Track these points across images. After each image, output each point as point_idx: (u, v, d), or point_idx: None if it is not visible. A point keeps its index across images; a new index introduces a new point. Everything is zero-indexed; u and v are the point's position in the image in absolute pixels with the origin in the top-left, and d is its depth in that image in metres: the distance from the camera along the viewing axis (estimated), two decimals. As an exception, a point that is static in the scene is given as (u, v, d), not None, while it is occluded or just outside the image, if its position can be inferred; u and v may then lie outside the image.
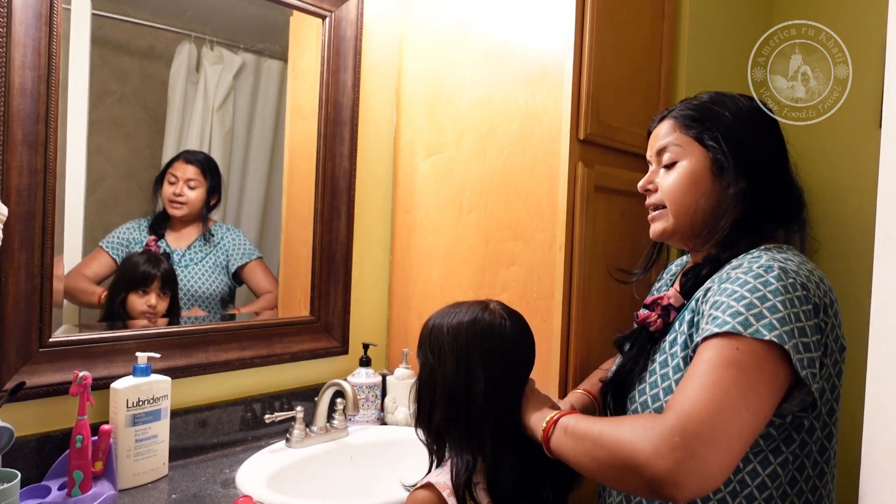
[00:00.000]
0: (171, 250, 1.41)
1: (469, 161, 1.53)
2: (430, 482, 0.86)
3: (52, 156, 1.12)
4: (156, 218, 1.40)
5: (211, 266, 1.47)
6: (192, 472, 1.23)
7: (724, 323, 0.74)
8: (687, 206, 0.93)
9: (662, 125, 0.99)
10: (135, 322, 1.33)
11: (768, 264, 0.79)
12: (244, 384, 1.42)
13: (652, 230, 0.99)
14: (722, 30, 1.77)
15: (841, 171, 1.90)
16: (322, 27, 1.55)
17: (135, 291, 1.34)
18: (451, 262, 1.56)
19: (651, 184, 0.99)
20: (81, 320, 1.28)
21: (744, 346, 0.72)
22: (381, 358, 1.70)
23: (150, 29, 1.38)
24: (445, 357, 0.90)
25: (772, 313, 0.73)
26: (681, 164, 0.94)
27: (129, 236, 1.35)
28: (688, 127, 0.95)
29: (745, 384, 0.70)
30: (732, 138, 0.91)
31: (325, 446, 1.35)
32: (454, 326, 0.90)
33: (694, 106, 0.96)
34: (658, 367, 0.87)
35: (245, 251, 1.52)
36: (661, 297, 0.92)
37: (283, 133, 1.59)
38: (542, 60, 1.38)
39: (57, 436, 1.13)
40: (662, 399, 0.83)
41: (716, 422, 0.67)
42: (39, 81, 1.10)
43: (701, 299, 0.84)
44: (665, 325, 0.90)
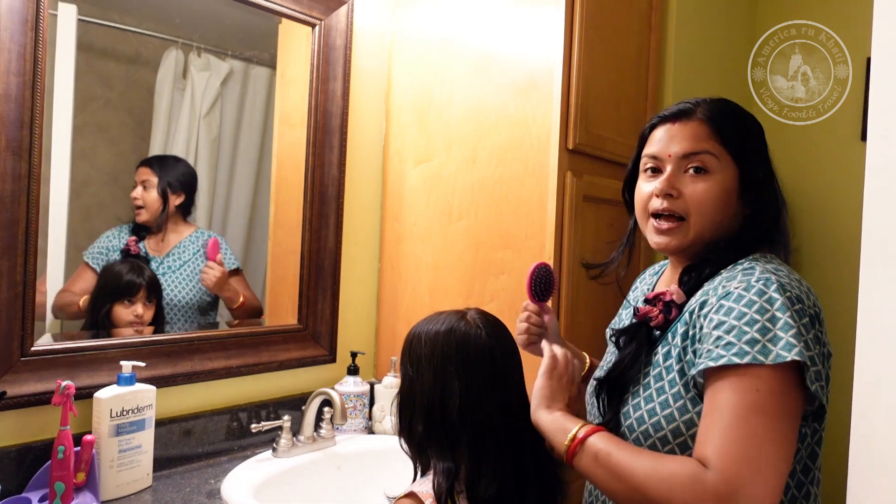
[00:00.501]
0: (150, 258, 1.39)
1: (458, 170, 1.53)
2: (412, 491, 0.85)
3: (36, 162, 1.11)
4: (136, 225, 1.38)
5: (190, 274, 1.44)
6: (176, 482, 1.21)
7: (742, 353, 0.72)
8: (714, 224, 0.86)
9: (690, 126, 0.88)
10: (121, 332, 1.31)
11: (766, 277, 0.77)
12: (230, 393, 1.40)
13: (660, 242, 0.89)
14: (707, 41, 1.79)
15: (824, 183, 1.92)
16: (312, 36, 1.55)
17: (120, 302, 1.32)
18: (441, 270, 1.56)
19: (675, 189, 0.87)
20: (63, 330, 1.26)
21: (763, 384, 0.71)
22: (369, 366, 1.69)
23: (137, 35, 1.37)
24: (423, 369, 0.90)
25: (786, 332, 0.72)
26: (713, 178, 0.86)
27: (108, 244, 1.32)
28: (726, 137, 0.87)
29: (777, 434, 0.71)
30: (758, 160, 0.88)
31: (312, 456, 1.34)
32: (431, 338, 0.91)
33: (727, 114, 0.89)
34: (653, 380, 0.84)
35: (227, 259, 1.50)
36: (664, 292, 0.87)
37: (271, 141, 1.59)
38: (531, 71, 1.39)
39: (38, 446, 1.11)
40: (660, 414, 0.81)
41: (757, 483, 0.68)
42: (24, 87, 1.09)
43: (696, 312, 0.81)
44: (665, 320, 0.86)
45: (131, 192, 1.37)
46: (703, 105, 0.89)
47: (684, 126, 0.88)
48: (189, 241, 1.45)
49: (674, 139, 0.88)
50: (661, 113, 0.93)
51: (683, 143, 0.87)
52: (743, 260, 0.84)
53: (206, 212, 1.53)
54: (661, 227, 0.88)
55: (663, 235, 0.88)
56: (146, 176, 1.38)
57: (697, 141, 0.87)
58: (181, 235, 1.44)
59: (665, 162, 0.89)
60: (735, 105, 0.92)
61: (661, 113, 0.93)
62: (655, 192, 0.88)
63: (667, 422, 0.80)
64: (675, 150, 0.88)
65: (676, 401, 0.80)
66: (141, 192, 1.37)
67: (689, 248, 0.88)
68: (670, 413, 0.80)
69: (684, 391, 0.80)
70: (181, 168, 1.45)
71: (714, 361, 0.74)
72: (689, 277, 0.88)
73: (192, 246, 1.45)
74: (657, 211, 0.88)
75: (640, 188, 0.93)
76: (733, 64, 1.92)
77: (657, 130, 0.92)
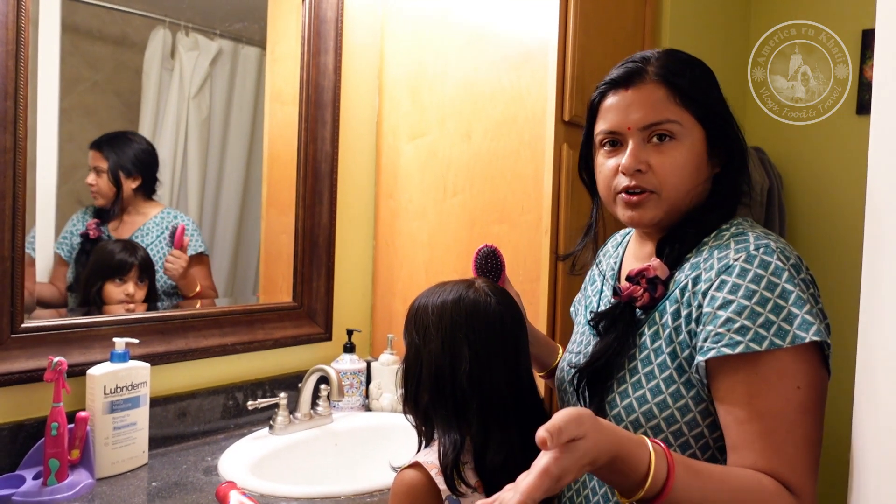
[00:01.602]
0: (109, 239, 1.34)
1: (453, 144, 1.51)
2: (417, 461, 0.84)
3: (21, 135, 1.08)
4: (97, 208, 1.31)
5: (153, 257, 1.38)
6: (172, 460, 1.20)
7: (760, 338, 0.68)
8: (686, 194, 0.80)
9: (644, 90, 0.80)
10: (111, 309, 1.29)
11: (764, 244, 0.73)
12: (226, 371, 1.39)
13: (633, 216, 0.81)
14: (703, 12, 1.77)
15: (819, 159, 1.92)
16: (302, 8, 1.52)
17: (111, 280, 1.31)
18: (436, 246, 1.54)
19: (643, 163, 0.79)
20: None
21: (802, 379, 0.69)
22: (365, 344, 1.68)
23: (123, 14, 1.34)
24: (430, 337, 0.88)
25: (801, 308, 0.69)
26: (681, 145, 0.79)
27: (71, 229, 1.27)
28: (686, 98, 0.79)
29: (821, 430, 0.71)
30: (720, 113, 0.82)
31: (309, 433, 1.33)
32: (438, 306, 0.89)
33: (681, 69, 0.81)
34: (640, 364, 0.78)
35: (192, 243, 1.43)
36: (646, 268, 0.80)
37: (262, 120, 1.56)
38: (525, 44, 1.37)
39: (31, 424, 1.09)
40: (651, 401, 0.76)
41: (810, 481, 0.69)
42: (7, 57, 1.06)
43: (690, 288, 0.75)
44: (652, 299, 0.79)
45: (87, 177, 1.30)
46: (652, 62, 0.81)
47: (638, 91, 0.80)
48: (154, 222, 1.39)
49: (630, 108, 0.80)
50: (607, 77, 0.84)
51: (642, 112, 0.79)
52: (726, 225, 0.80)
53: (198, 192, 1.50)
54: (632, 199, 0.80)
55: (635, 209, 0.81)
56: (97, 161, 1.30)
57: (657, 108, 0.79)
58: (146, 217, 1.38)
59: (626, 135, 0.80)
60: (684, 55, 0.84)
61: (607, 77, 0.84)
62: (622, 169, 0.80)
63: (659, 409, 0.75)
64: (634, 121, 0.79)
65: (669, 386, 0.75)
66: (94, 178, 1.30)
67: (664, 220, 0.82)
68: (663, 400, 0.75)
69: (677, 375, 0.75)
70: (135, 147, 1.36)
71: (731, 349, 0.69)
72: (670, 249, 0.81)
73: (157, 228, 1.39)
74: (627, 188, 0.80)
75: (602, 165, 0.84)
76: (729, 31, 1.91)
77: (608, 98, 0.83)
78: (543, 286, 1.33)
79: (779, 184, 1.88)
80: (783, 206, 1.89)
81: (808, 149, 1.93)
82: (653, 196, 0.80)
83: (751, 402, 0.69)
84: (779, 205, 1.86)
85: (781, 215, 1.88)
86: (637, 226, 0.84)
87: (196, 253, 1.44)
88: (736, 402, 0.70)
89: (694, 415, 0.75)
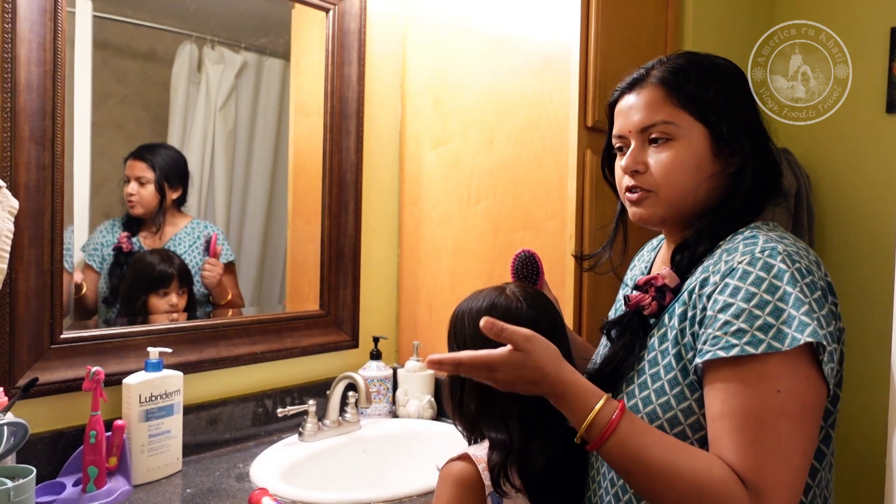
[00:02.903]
0: (145, 251, 1.36)
1: (476, 152, 1.52)
2: (467, 453, 0.86)
3: (59, 152, 1.12)
4: (129, 218, 1.34)
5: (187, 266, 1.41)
6: (205, 467, 1.23)
7: (757, 341, 0.68)
8: (685, 192, 0.81)
9: (643, 93, 0.83)
10: (157, 319, 1.32)
11: (770, 247, 0.72)
12: (255, 379, 1.42)
13: (634, 214, 0.86)
14: (725, 15, 1.76)
15: (848, 159, 1.89)
16: (326, 21, 1.54)
17: (155, 293, 1.33)
18: (460, 253, 1.55)
19: (640, 164, 0.83)
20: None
21: (784, 384, 0.67)
22: (391, 351, 1.69)
23: (151, 30, 1.37)
24: (469, 348, 0.89)
25: (798, 309, 0.68)
26: (678, 144, 0.81)
27: (101, 240, 1.30)
28: (683, 99, 0.81)
29: (802, 438, 0.68)
30: (729, 111, 0.81)
31: (338, 440, 1.35)
32: (473, 317, 0.90)
33: (684, 70, 0.82)
34: (647, 365, 0.79)
35: (222, 252, 1.46)
36: (655, 277, 0.81)
37: (286, 131, 1.58)
38: (547, 50, 1.38)
39: (70, 432, 1.12)
40: (655, 402, 0.76)
41: (785, 494, 0.67)
42: (45, 77, 1.10)
43: (696, 291, 0.76)
44: (660, 307, 0.81)
45: (126, 186, 1.33)
46: (657, 66, 0.84)
47: (639, 94, 0.83)
48: (185, 232, 1.42)
49: (631, 111, 0.84)
50: (620, 83, 0.88)
51: (640, 115, 0.83)
52: (743, 229, 0.79)
53: (224, 203, 1.53)
54: (633, 196, 0.85)
55: (635, 206, 0.85)
56: (141, 171, 1.33)
57: (652, 110, 0.82)
58: (177, 227, 1.41)
59: (628, 138, 0.84)
60: (698, 56, 0.85)
61: (620, 83, 0.88)
62: (622, 170, 0.85)
63: (663, 410, 0.76)
64: (633, 124, 0.83)
65: (673, 387, 0.76)
66: (136, 188, 1.33)
67: (667, 218, 0.84)
68: (666, 401, 0.76)
69: (681, 377, 0.75)
70: (173, 158, 1.39)
71: (725, 351, 0.69)
72: (681, 256, 0.82)
73: (188, 238, 1.42)
74: (628, 188, 0.85)
75: (616, 169, 0.89)
76: (753, 33, 1.89)
77: (619, 103, 0.87)
78: (569, 292, 1.33)
79: (807, 185, 1.85)
80: (812, 208, 1.86)
81: (836, 149, 1.90)
82: (650, 195, 0.83)
83: (725, 400, 0.70)
84: (807, 206, 1.83)
85: (810, 217, 1.85)
86: (641, 223, 0.87)
87: (226, 262, 1.47)
88: (714, 399, 0.71)
89: (697, 417, 0.74)
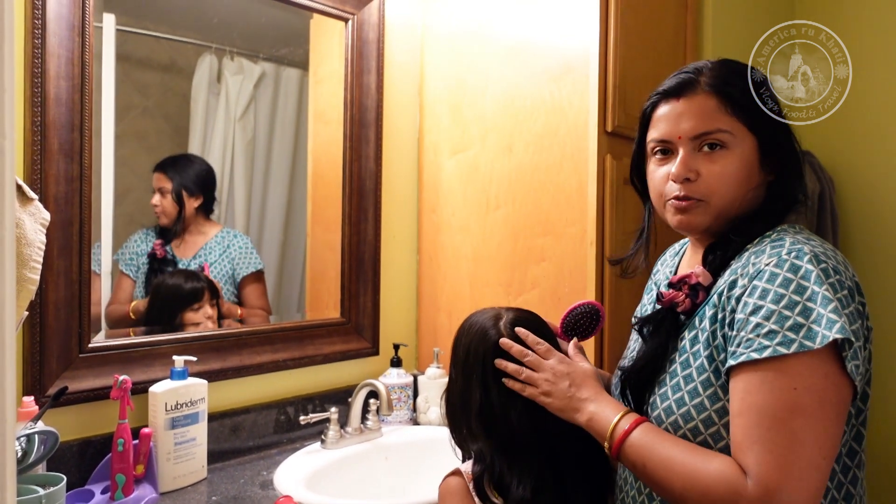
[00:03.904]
0: (178, 260, 1.38)
1: (495, 158, 1.52)
2: (459, 469, 0.90)
3: (87, 164, 1.14)
4: (161, 228, 1.37)
5: (216, 276, 1.43)
6: (230, 474, 1.23)
7: (789, 341, 0.68)
8: (734, 202, 0.81)
9: (696, 101, 0.81)
10: (193, 329, 1.34)
11: (797, 249, 0.73)
12: (278, 387, 1.43)
13: (680, 221, 0.83)
14: (745, 20, 1.75)
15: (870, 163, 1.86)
16: (345, 30, 1.56)
17: (190, 308, 1.35)
18: (480, 259, 1.55)
19: (692, 172, 0.81)
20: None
21: (801, 381, 0.68)
22: (411, 358, 1.70)
23: (171, 42, 1.39)
24: (457, 374, 0.94)
25: (825, 307, 0.68)
26: (731, 154, 0.80)
27: (136, 249, 1.32)
28: (738, 108, 0.80)
29: (819, 433, 0.68)
30: (773, 121, 0.82)
31: (360, 447, 1.35)
32: (466, 344, 0.94)
33: (734, 79, 0.82)
34: (679, 367, 0.80)
35: (251, 261, 1.48)
36: (689, 275, 0.82)
37: (304, 139, 1.60)
38: (565, 56, 1.38)
39: (98, 440, 1.14)
40: (689, 404, 0.77)
41: (798, 490, 0.67)
42: (73, 91, 1.12)
43: (725, 293, 0.76)
44: (693, 304, 0.81)
45: (152, 198, 1.36)
46: (705, 73, 0.83)
47: (690, 101, 0.82)
48: (215, 241, 1.44)
49: (682, 117, 0.82)
50: (660, 88, 0.86)
51: (693, 122, 0.81)
52: (770, 232, 0.80)
53: (244, 212, 1.54)
54: (681, 204, 0.82)
55: (684, 214, 0.82)
56: (162, 182, 1.36)
57: (708, 118, 0.80)
58: (207, 236, 1.43)
59: (676, 144, 0.82)
60: (739, 64, 0.85)
61: (660, 88, 0.86)
62: (672, 178, 0.82)
63: (697, 412, 0.76)
64: (685, 131, 0.81)
65: (706, 389, 0.76)
66: (160, 199, 1.36)
67: (713, 226, 0.83)
68: (700, 402, 0.76)
69: (714, 378, 0.76)
70: (196, 167, 1.42)
71: (759, 353, 0.69)
72: (713, 257, 0.82)
73: (218, 247, 1.44)
74: (676, 196, 0.82)
75: (654, 172, 0.86)
76: (772, 41, 1.88)
77: (660, 108, 0.85)
78: (590, 297, 1.32)
79: (830, 188, 1.83)
80: (835, 211, 1.84)
81: (858, 152, 1.88)
82: (701, 203, 0.81)
83: (743, 398, 0.71)
84: (830, 209, 1.81)
85: (834, 220, 1.82)
86: (686, 230, 0.85)
87: (254, 271, 1.48)
88: (732, 398, 0.72)
89: (731, 418, 0.74)
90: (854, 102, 1.69)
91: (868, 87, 1.78)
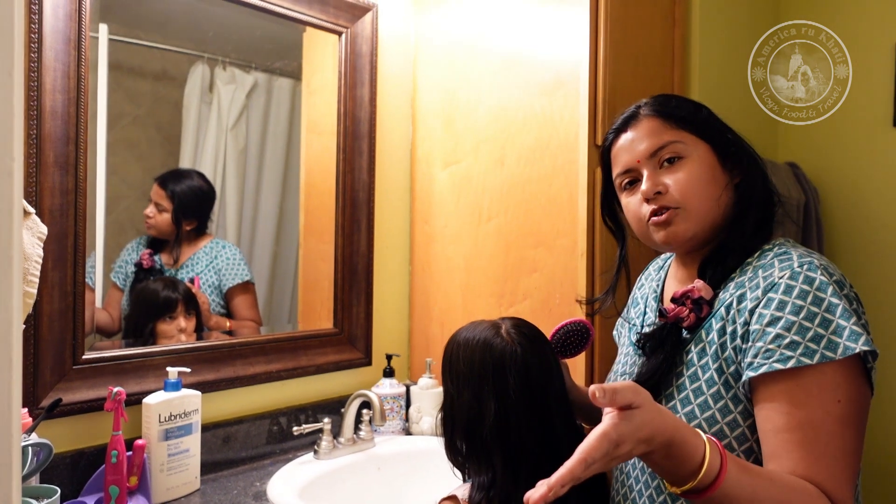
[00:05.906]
0: (165, 270, 1.38)
1: (487, 170, 1.54)
2: (455, 495, 0.87)
3: (82, 176, 1.15)
4: (151, 238, 1.36)
5: (202, 286, 1.43)
6: (223, 485, 1.24)
7: (811, 352, 0.71)
8: (710, 203, 0.83)
9: (642, 125, 0.88)
10: (167, 342, 1.33)
11: (808, 261, 0.75)
12: (271, 397, 1.43)
13: (667, 235, 0.84)
14: (731, 33, 1.78)
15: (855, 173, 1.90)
16: (338, 44, 1.57)
17: (162, 319, 1.34)
18: (472, 270, 1.57)
19: (660, 185, 0.84)
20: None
21: (843, 393, 0.71)
22: (403, 368, 1.71)
23: (163, 51, 1.40)
24: (461, 387, 0.91)
25: (847, 320, 0.71)
26: (689, 160, 0.84)
27: (126, 258, 1.32)
28: (680, 120, 0.86)
29: (860, 442, 0.73)
30: (719, 126, 0.88)
31: (353, 457, 1.36)
32: (468, 356, 0.91)
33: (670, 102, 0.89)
34: (688, 380, 0.80)
35: (238, 272, 1.47)
36: (691, 289, 0.83)
37: (296, 149, 1.60)
38: (557, 70, 1.40)
39: (91, 452, 1.14)
40: (700, 417, 0.77)
41: (850, 494, 0.71)
42: (69, 104, 1.12)
43: (735, 306, 0.78)
44: (697, 319, 0.82)
45: (147, 206, 1.36)
46: (643, 105, 0.90)
47: (637, 128, 0.88)
48: (203, 252, 1.44)
49: (634, 143, 0.87)
50: (611, 127, 0.94)
51: (645, 142, 0.86)
52: (768, 246, 0.82)
53: (235, 222, 1.55)
54: (660, 218, 0.84)
55: (668, 226, 0.84)
56: (160, 199, 1.36)
57: (656, 135, 0.86)
58: (196, 247, 1.43)
59: (639, 168, 0.87)
60: (674, 95, 0.94)
61: (611, 127, 0.94)
62: (644, 196, 0.85)
63: (708, 424, 0.77)
64: (641, 152, 0.86)
65: (717, 401, 0.77)
66: (154, 212, 1.36)
67: (699, 232, 0.84)
68: (711, 415, 0.77)
69: (724, 391, 0.77)
70: (196, 189, 1.42)
71: (783, 363, 0.71)
72: (714, 271, 0.84)
73: (206, 257, 1.44)
74: (653, 212, 0.85)
75: (629, 204, 0.90)
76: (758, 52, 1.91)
77: (615, 145, 0.91)
78: (581, 310, 1.34)
79: (815, 199, 1.86)
80: (820, 222, 1.87)
81: (843, 163, 1.91)
82: (679, 211, 0.84)
83: (791, 413, 0.71)
84: (816, 220, 1.84)
85: (819, 231, 1.85)
86: (673, 243, 0.86)
87: (242, 282, 1.48)
88: (776, 412, 0.72)
89: (743, 429, 0.76)
90: (839, 114, 1.72)
91: (852, 98, 1.82)
